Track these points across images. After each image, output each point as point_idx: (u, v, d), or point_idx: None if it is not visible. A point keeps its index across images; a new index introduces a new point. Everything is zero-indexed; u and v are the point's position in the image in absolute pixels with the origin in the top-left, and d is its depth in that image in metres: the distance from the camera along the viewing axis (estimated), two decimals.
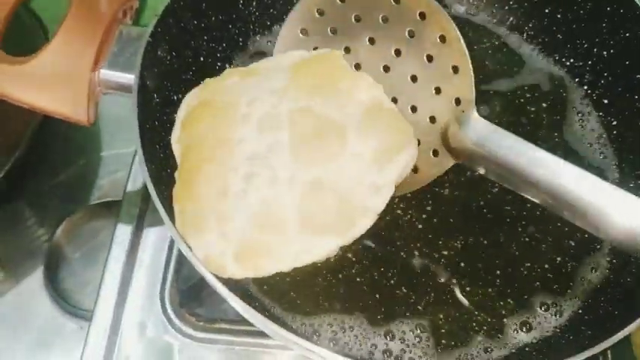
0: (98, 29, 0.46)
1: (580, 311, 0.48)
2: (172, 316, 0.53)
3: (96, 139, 0.72)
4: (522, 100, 0.59)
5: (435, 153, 0.49)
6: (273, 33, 0.60)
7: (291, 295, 0.48)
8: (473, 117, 0.45)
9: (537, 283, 0.50)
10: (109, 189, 0.68)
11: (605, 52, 0.56)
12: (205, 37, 0.54)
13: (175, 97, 0.51)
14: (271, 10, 0.59)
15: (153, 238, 0.56)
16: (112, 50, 0.47)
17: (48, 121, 0.68)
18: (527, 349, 0.47)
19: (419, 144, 0.46)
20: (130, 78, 0.46)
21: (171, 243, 0.57)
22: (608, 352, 0.53)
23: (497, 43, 0.62)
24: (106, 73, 0.47)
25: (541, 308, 0.49)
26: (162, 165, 0.47)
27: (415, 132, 0.45)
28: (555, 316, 0.48)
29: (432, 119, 0.48)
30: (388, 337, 0.47)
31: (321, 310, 0.48)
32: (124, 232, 0.56)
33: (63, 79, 0.44)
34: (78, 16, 0.46)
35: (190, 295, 0.54)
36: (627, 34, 0.54)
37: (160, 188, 0.45)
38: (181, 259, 0.56)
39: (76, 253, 0.66)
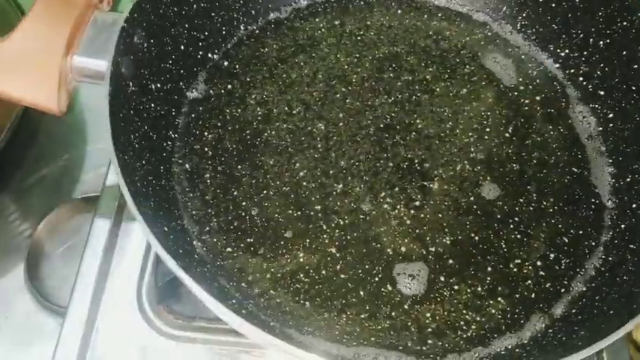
0: (71, 13, 0.44)
1: (573, 311, 0.46)
2: (149, 313, 0.51)
3: (81, 133, 0.71)
4: (516, 93, 0.57)
5: None
6: (259, 23, 0.58)
7: (271, 294, 0.46)
8: None
9: (529, 281, 0.48)
10: (94, 184, 0.66)
11: (601, 43, 0.54)
12: (186, 25, 0.53)
13: (153, 86, 0.50)
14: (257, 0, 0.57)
15: (131, 233, 0.54)
16: (86, 36, 0.45)
17: (32, 114, 0.67)
18: (517, 350, 0.45)
19: None
20: (103, 65, 0.44)
21: None
22: (604, 352, 0.51)
23: (489, 34, 0.60)
24: (79, 60, 0.45)
25: (532, 307, 0.47)
26: (137, 155, 0.46)
27: None
28: (547, 315, 0.46)
29: None
30: None
31: (302, 309, 0.46)
32: (101, 227, 0.54)
33: (32, 65, 0.42)
34: (50, 1, 0.44)
35: (168, 292, 0.52)
36: (624, 23, 0.52)
37: (133, 179, 0.43)
38: None
39: (57, 249, 0.65)
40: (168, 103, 0.51)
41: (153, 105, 0.49)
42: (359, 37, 0.59)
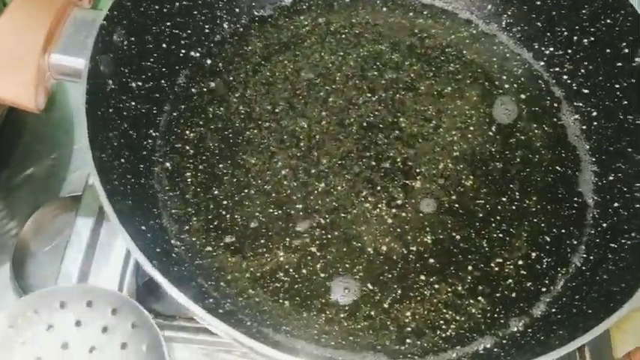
0: (50, 10, 0.44)
1: (553, 310, 0.46)
2: None
3: (68, 132, 0.71)
4: (501, 92, 0.56)
5: None
6: (241, 21, 0.58)
7: (250, 293, 0.46)
8: None
9: (510, 280, 0.48)
10: (80, 182, 0.66)
11: (585, 41, 0.53)
12: (168, 23, 0.52)
13: (134, 84, 0.49)
14: None
15: (114, 232, 0.54)
16: (65, 33, 0.45)
17: (17, 113, 0.67)
18: (495, 349, 0.44)
19: None
20: (82, 63, 0.44)
21: None
22: (586, 350, 0.51)
23: (475, 32, 0.59)
24: (57, 58, 0.45)
25: (513, 307, 0.46)
26: (115, 153, 0.46)
27: None
28: (527, 315, 0.46)
29: None
30: None
31: (281, 308, 0.46)
32: (83, 225, 0.54)
33: (9, 62, 0.42)
34: None
35: (149, 291, 0.52)
36: (608, 21, 0.51)
37: (110, 178, 0.43)
38: None
39: (44, 248, 0.64)
40: (149, 102, 0.51)
41: (134, 103, 0.49)
42: (343, 35, 0.59)
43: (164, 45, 0.52)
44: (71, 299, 0.49)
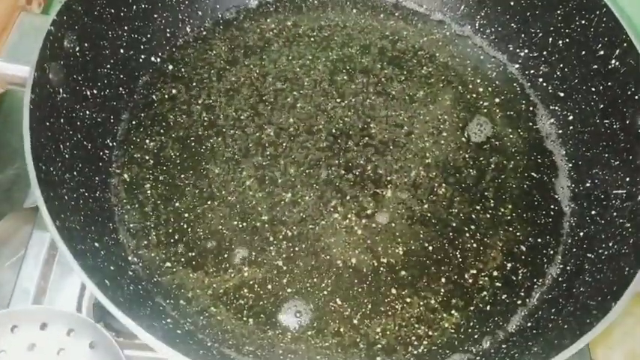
0: None
1: (528, 325, 0.44)
2: None
3: None
4: (475, 95, 0.55)
5: None
6: (205, 25, 0.56)
7: (212, 311, 0.44)
8: None
9: (484, 292, 0.46)
10: None
11: (560, 42, 0.52)
12: (125, 27, 0.50)
13: (88, 93, 0.47)
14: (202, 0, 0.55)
15: None
16: (11, 40, 0.43)
17: None
18: None
19: None
20: (27, 71, 0.41)
21: None
22: None
23: (448, 34, 0.57)
24: (3, 66, 0.42)
25: (487, 321, 0.45)
26: (66, 166, 0.43)
27: None
28: (501, 330, 0.44)
29: None
30: None
31: (244, 327, 0.43)
32: (41, 238, 0.52)
33: None
34: None
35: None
36: (583, 22, 0.50)
37: (59, 193, 0.40)
38: None
39: (7, 261, 0.62)
40: (106, 110, 0.49)
41: (88, 112, 0.47)
42: (312, 38, 0.57)
43: (122, 50, 0.50)
44: (24, 322, 0.46)
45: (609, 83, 0.48)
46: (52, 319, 0.46)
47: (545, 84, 0.53)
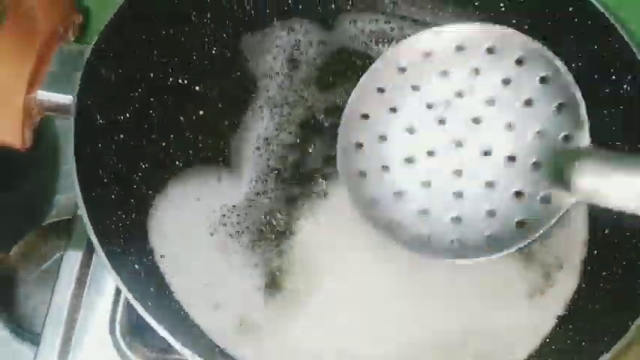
0: (34, 45, 0.43)
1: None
2: (123, 347, 0.50)
3: (54, 152, 0.69)
4: None
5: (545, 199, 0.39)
6: (230, 48, 0.57)
7: None
8: (592, 150, 0.39)
9: None
10: (67, 205, 0.65)
11: (573, 65, 0.53)
12: (155, 52, 0.52)
13: (121, 117, 0.49)
14: (227, 23, 0.56)
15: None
16: (51, 70, 0.45)
17: None
18: None
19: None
20: (69, 99, 0.43)
21: None
22: None
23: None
24: (44, 94, 0.44)
25: None
26: (104, 190, 0.45)
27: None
28: None
29: (536, 165, 0.40)
30: None
31: None
32: (74, 256, 0.54)
33: None
34: (11, 33, 0.43)
35: (143, 324, 0.51)
36: (595, 47, 0.52)
37: (100, 216, 0.42)
38: None
39: (31, 275, 0.64)
40: (137, 134, 0.50)
41: (122, 136, 0.49)
42: None
43: (151, 74, 0.52)
44: (469, 43, 0.42)
45: (621, 107, 0.50)
46: (500, 42, 0.42)
47: None
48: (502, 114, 0.41)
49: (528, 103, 0.41)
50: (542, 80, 0.41)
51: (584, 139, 0.39)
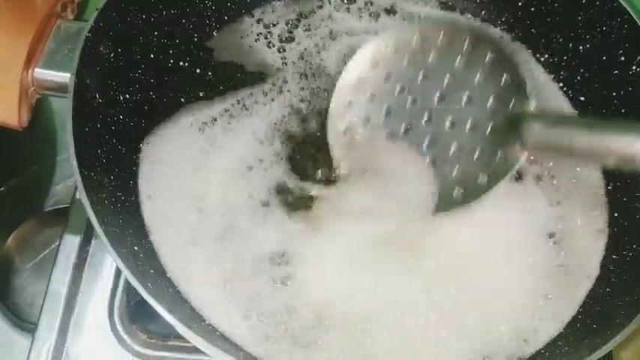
0: (32, 23, 0.42)
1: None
2: (122, 332, 0.49)
3: (51, 141, 0.68)
4: None
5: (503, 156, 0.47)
6: (231, 29, 0.56)
7: None
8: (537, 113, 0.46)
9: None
10: (65, 194, 0.64)
11: (581, 47, 0.53)
12: (156, 33, 0.51)
13: (121, 97, 0.48)
14: (229, 4, 0.55)
15: (102, 248, 0.52)
16: (49, 47, 0.44)
17: None
18: None
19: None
20: (67, 77, 0.42)
21: None
22: None
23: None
24: (41, 73, 0.43)
25: None
26: (104, 171, 0.44)
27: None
28: None
29: (494, 130, 0.47)
30: None
31: None
32: (71, 242, 0.53)
33: None
34: (9, 9, 0.42)
35: (141, 310, 0.51)
36: (604, 28, 0.51)
37: (100, 197, 0.41)
38: None
39: (28, 264, 0.62)
40: (137, 114, 0.49)
41: (122, 117, 0.48)
42: None
43: (152, 55, 0.51)
44: (430, 37, 0.49)
45: (630, 89, 0.49)
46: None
47: (565, 88, 0.55)
48: (463, 91, 0.48)
49: (484, 79, 0.48)
50: (492, 61, 0.48)
51: (530, 104, 0.46)
